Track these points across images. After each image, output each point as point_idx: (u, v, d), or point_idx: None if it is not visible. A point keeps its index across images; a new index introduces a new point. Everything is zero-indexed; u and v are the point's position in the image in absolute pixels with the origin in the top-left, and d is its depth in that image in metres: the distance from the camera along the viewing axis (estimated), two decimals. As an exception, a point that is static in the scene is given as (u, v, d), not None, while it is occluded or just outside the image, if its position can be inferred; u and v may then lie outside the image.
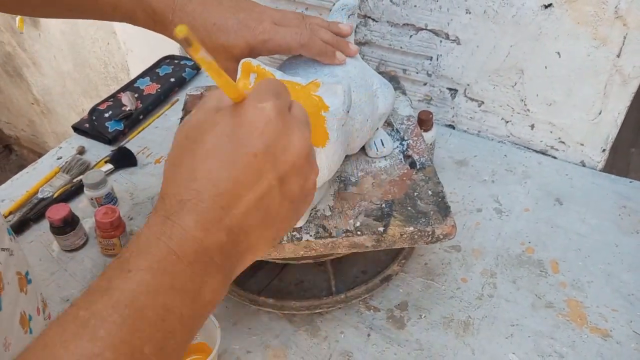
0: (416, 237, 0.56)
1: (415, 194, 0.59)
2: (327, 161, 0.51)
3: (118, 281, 0.27)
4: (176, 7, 0.52)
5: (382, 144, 0.63)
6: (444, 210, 0.57)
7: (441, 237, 0.56)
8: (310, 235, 0.55)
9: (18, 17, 1.50)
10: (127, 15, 0.54)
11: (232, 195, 0.30)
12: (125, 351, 0.26)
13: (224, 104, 0.32)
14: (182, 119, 0.73)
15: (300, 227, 0.56)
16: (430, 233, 0.55)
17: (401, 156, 0.64)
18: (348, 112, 0.51)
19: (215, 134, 0.31)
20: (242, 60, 0.51)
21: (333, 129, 0.50)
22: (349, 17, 0.62)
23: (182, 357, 0.30)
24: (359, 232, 0.55)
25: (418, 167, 0.63)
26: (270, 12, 0.55)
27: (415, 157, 0.64)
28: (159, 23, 0.53)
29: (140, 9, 0.52)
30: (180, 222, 0.29)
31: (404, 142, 0.66)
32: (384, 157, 0.64)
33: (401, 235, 0.55)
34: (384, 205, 0.58)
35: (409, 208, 0.57)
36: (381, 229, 0.55)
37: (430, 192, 0.59)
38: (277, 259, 0.58)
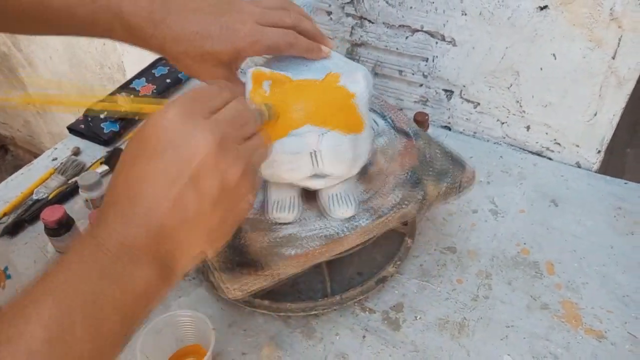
0: (448, 192, 0.61)
1: (428, 158, 0.63)
2: (365, 145, 0.54)
3: (53, 272, 0.31)
4: (156, 20, 0.51)
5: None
6: (459, 162, 0.63)
7: (466, 185, 0.62)
8: (365, 220, 0.56)
9: None
10: (106, 31, 0.52)
11: (144, 196, 0.34)
12: (57, 331, 0.29)
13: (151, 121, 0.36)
14: None
15: (354, 216, 0.56)
16: (458, 185, 0.61)
17: (393, 131, 0.65)
18: (370, 94, 0.54)
19: (133, 149, 0.36)
20: (252, 70, 0.51)
21: (363, 113, 0.53)
22: (309, 13, 0.62)
23: (122, 345, 0.33)
24: (405, 204, 0.58)
25: (413, 135, 0.65)
26: (250, 8, 0.53)
27: (406, 128, 0.65)
28: (139, 38, 0.52)
29: (118, 25, 0.51)
30: (105, 221, 0.34)
31: (386, 118, 0.67)
32: (378, 135, 0.64)
33: (438, 194, 0.60)
34: (408, 175, 0.61)
35: (430, 171, 0.61)
36: (420, 195, 0.59)
37: (438, 153, 0.63)
38: (341, 253, 0.57)
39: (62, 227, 0.69)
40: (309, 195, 0.58)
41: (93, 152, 0.89)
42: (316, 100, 0.52)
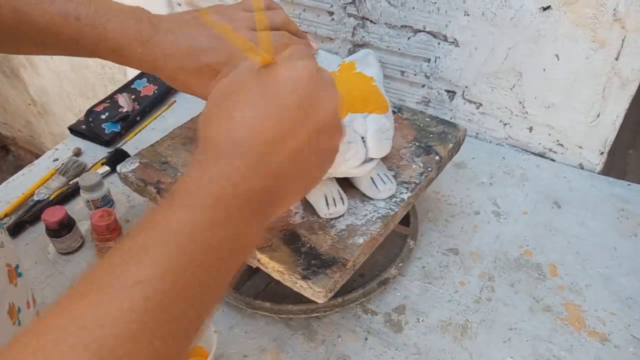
0: (454, 150, 0.66)
1: (421, 125, 0.68)
2: (391, 122, 0.56)
3: (164, 218, 0.29)
4: (143, 39, 0.49)
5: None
6: (449, 124, 0.68)
7: (462, 139, 0.68)
8: (405, 194, 0.59)
9: None
10: (91, 51, 0.51)
11: (271, 143, 0.32)
12: (173, 280, 0.27)
13: (256, 67, 0.35)
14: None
15: (394, 193, 0.59)
16: (458, 141, 0.66)
17: None
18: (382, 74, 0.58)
19: (251, 89, 0.34)
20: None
21: (384, 93, 0.56)
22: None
23: (222, 293, 0.31)
24: (429, 170, 0.62)
25: (398, 111, 0.70)
26: (239, 15, 0.52)
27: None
28: (126, 58, 0.51)
29: (104, 46, 0.50)
30: (221, 164, 0.31)
31: None
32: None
33: (448, 153, 0.65)
34: (414, 144, 0.65)
35: (431, 136, 0.66)
36: (437, 158, 0.63)
37: (428, 120, 0.68)
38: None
39: (63, 228, 0.69)
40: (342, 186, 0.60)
41: (94, 152, 0.89)
42: (345, 89, 0.53)
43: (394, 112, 0.67)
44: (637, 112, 0.75)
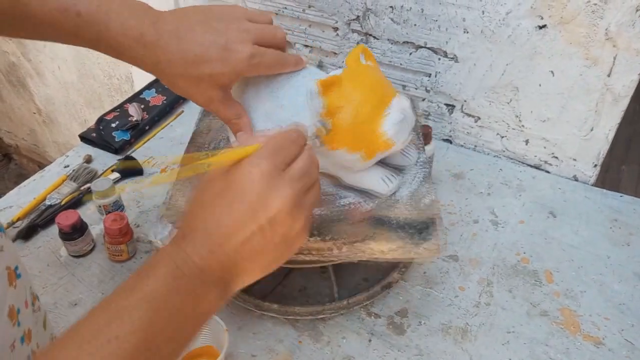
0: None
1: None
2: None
3: (141, 285, 0.36)
4: (146, 42, 0.48)
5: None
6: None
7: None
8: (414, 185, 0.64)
9: None
10: (91, 45, 0.50)
11: (230, 230, 0.39)
12: (146, 336, 0.34)
13: (226, 168, 0.42)
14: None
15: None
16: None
17: None
18: None
19: (217, 189, 0.41)
20: (317, 82, 0.53)
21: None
22: None
23: (182, 352, 0.38)
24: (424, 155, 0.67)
25: None
26: (245, 25, 0.52)
27: None
28: (126, 56, 0.50)
29: (104, 44, 0.49)
30: (188, 244, 0.38)
31: None
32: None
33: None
34: None
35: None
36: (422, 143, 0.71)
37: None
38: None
39: (76, 232, 0.71)
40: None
41: (104, 159, 0.91)
42: (366, 83, 0.56)
43: None
44: (628, 129, 0.79)
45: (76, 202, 0.82)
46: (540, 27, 0.75)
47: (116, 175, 0.86)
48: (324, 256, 0.57)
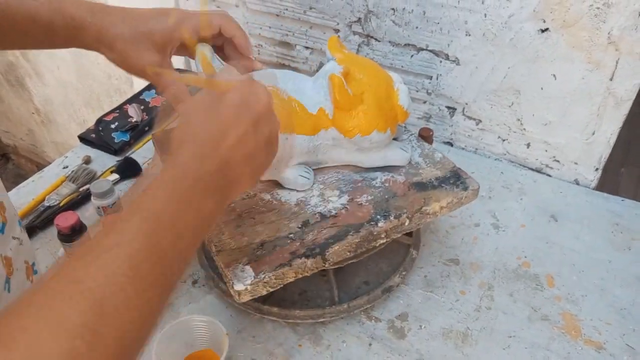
0: None
1: None
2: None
3: (138, 202, 0.36)
4: (94, 10, 0.54)
5: None
6: None
7: None
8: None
9: None
10: (45, 27, 0.53)
11: (220, 134, 0.41)
12: (147, 243, 0.34)
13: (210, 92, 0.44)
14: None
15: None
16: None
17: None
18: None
19: (204, 103, 0.44)
20: (332, 76, 0.58)
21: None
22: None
23: (190, 258, 0.39)
24: None
25: None
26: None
27: None
28: (77, 29, 0.54)
29: (60, 18, 0.53)
30: (182, 156, 0.39)
31: None
32: None
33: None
34: None
35: None
36: None
37: None
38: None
39: (75, 233, 0.71)
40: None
41: (103, 160, 0.91)
42: (366, 67, 0.61)
43: None
44: (628, 131, 0.79)
45: (75, 204, 0.81)
46: (543, 31, 0.75)
47: (115, 176, 0.85)
48: (397, 232, 0.61)
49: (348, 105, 0.59)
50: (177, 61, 1.14)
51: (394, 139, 0.68)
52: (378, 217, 0.59)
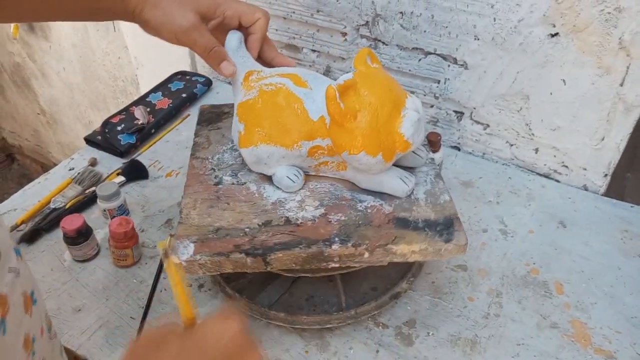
0: None
1: None
2: None
3: None
4: None
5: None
6: None
7: None
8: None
9: (12, 24, 1.51)
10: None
11: None
12: None
13: (176, 329, 0.35)
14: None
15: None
16: None
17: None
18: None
19: (168, 350, 0.33)
20: (338, 84, 0.55)
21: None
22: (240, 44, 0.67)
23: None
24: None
25: None
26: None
27: None
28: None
29: None
30: None
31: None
32: None
33: None
34: None
35: None
36: None
37: None
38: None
39: (81, 236, 0.71)
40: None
41: (109, 163, 0.90)
42: (380, 85, 0.57)
43: None
44: (634, 136, 0.78)
45: (81, 206, 0.81)
46: (553, 35, 0.74)
47: (121, 178, 0.85)
48: (354, 262, 0.57)
49: (338, 119, 0.55)
50: (181, 63, 1.14)
51: (411, 168, 0.64)
52: (336, 239, 0.56)
